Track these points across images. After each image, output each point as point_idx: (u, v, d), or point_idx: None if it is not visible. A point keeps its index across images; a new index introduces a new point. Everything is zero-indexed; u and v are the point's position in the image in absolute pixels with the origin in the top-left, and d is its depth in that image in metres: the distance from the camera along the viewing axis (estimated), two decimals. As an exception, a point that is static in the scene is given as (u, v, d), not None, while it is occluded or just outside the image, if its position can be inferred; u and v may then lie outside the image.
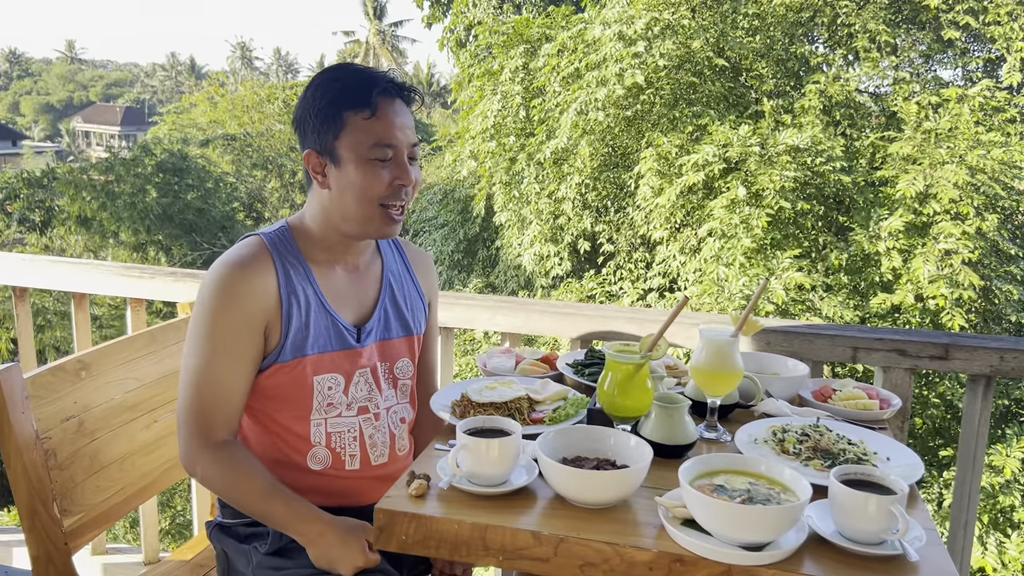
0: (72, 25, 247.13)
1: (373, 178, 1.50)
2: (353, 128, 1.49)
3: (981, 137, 6.52)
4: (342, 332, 1.58)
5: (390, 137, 1.50)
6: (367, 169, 1.49)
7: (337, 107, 1.50)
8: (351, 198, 1.51)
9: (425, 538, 1.20)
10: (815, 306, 6.57)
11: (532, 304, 2.40)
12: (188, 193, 16.26)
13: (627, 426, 1.42)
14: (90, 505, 1.63)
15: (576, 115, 7.68)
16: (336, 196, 1.52)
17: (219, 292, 1.48)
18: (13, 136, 48.70)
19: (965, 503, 2.11)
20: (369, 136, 1.49)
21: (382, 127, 1.50)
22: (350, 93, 1.50)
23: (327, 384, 1.56)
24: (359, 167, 1.49)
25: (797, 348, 2.10)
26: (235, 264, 1.49)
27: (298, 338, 1.52)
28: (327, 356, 1.56)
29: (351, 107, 1.49)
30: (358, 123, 1.49)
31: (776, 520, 1.10)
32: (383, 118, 1.50)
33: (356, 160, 1.49)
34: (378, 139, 1.49)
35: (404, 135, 1.53)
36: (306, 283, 1.55)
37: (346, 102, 1.49)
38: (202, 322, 1.48)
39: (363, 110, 1.49)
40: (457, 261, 11.16)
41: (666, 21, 7.52)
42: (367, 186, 1.50)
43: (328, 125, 1.50)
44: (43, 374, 1.56)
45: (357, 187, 1.50)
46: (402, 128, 1.52)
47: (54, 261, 2.69)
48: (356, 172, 1.49)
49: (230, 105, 19.54)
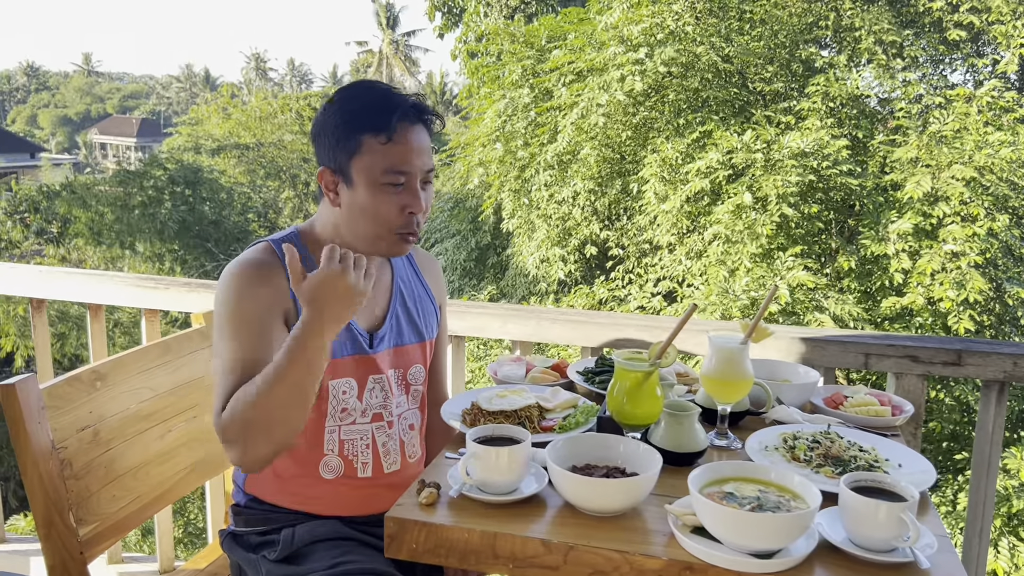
0: (89, 38, 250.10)
1: (384, 204, 1.48)
2: (368, 151, 1.47)
3: (989, 137, 6.49)
4: (356, 337, 1.59)
5: (405, 164, 1.48)
6: (378, 194, 1.48)
7: (354, 128, 1.48)
8: (361, 220, 1.50)
9: (435, 546, 1.21)
10: (822, 305, 6.53)
11: (543, 312, 2.41)
12: (203, 204, 16.39)
13: (637, 434, 1.43)
14: (105, 514, 1.65)
15: (578, 119, 7.70)
16: (346, 215, 1.52)
17: (239, 287, 1.47)
18: (31, 149, 49.18)
19: (980, 510, 2.10)
20: (383, 161, 1.47)
21: (397, 153, 1.47)
22: (369, 115, 1.48)
23: (341, 389, 1.57)
24: (370, 191, 1.48)
25: (808, 354, 2.09)
26: (248, 263, 1.50)
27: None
28: (341, 361, 1.56)
29: (369, 130, 1.47)
30: (374, 147, 1.47)
31: (786, 527, 1.10)
32: (400, 144, 1.47)
33: (368, 184, 1.48)
34: (392, 165, 1.47)
35: (420, 161, 1.50)
36: None
37: (364, 124, 1.47)
38: (226, 317, 1.47)
39: (380, 135, 1.46)
40: (469, 270, 11.18)
41: (669, 28, 7.53)
42: (377, 212, 1.49)
43: (344, 145, 1.48)
44: (59, 384, 1.58)
45: (368, 212, 1.49)
46: (419, 154, 1.50)
47: (69, 272, 2.72)
48: (367, 195, 1.48)
49: (243, 116, 19.68)
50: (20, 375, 1.49)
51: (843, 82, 7.21)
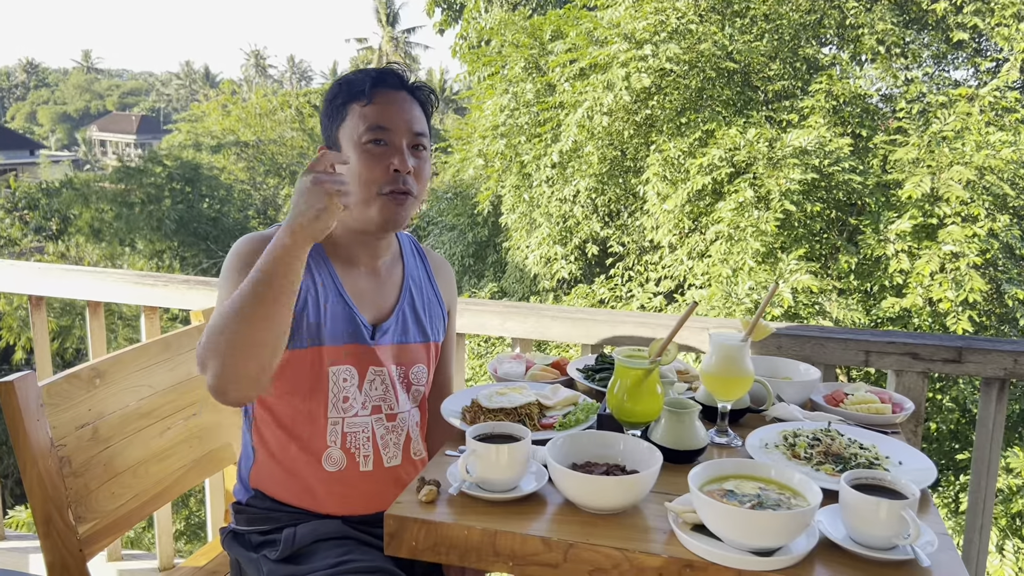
0: (88, 35, 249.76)
1: (369, 163, 1.52)
2: (351, 116, 1.55)
3: (990, 137, 6.49)
4: (358, 326, 1.59)
5: (382, 120, 1.53)
6: (362, 154, 1.53)
7: (340, 101, 1.56)
8: (353, 187, 1.50)
9: (435, 544, 1.21)
10: (825, 309, 6.54)
11: (543, 309, 2.40)
12: (202, 201, 16.38)
13: (637, 431, 1.42)
14: (105, 512, 1.64)
15: (581, 118, 7.69)
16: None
17: (244, 258, 1.49)
18: (31, 146, 49.15)
19: (980, 507, 2.10)
20: (363, 121, 1.53)
21: (375, 112, 1.53)
22: (351, 85, 1.56)
23: (342, 376, 1.58)
24: (356, 153, 1.53)
25: (808, 352, 2.09)
26: (257, 237, 1.54)
27: (314, 326, 1.55)
28: (341, 348, 1.57)
29: (351, 98, 1.55)
30: (356, 110, 1.54)
31: (786, 525, 1.10)
32: (378, 104, 1.54)
33: (353, 146, 1.54)
34: (371, 123, 1.53)
35: (402, 120, 1.55)
36: (325, 274, 1.58)
37: (347, 93, 1.56)
38: (226, 271, 1.51)
39: (361, 99, 1.54)
40: (468, 266, 11.17)
41: (673, 26, 7.52)
42: (363, 170, 1.52)
43: (334, 118, 1.57)
44: (58, 382, 1.58)
45: (355, 174, 1.52)
46: (399, 115, 1.55)
47: (68, 270, 2.72)
48: (353, 159, 1.53)
49: (243, 113, 19.66)
50: (19, 372, 1.49)
51: (846, 80, 7.19)
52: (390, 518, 1.22)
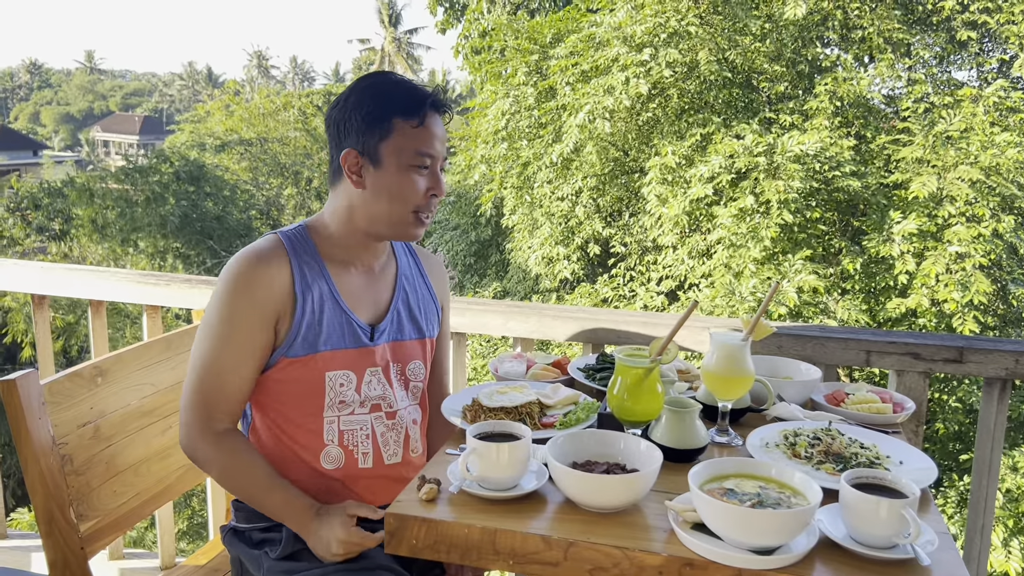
0: (92, 36, 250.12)
1: (410, 185, 1.55)
2: (400, 134, 1.54)
3: (995, 137, 6.47)
4: (356, 330, 1.60)
5: (432, 148, 1.56)
6: (406, 175, 1.54)
7: (387, 112, 1.54)
8: (385, 201, 1.55)
9: (436, 542, 1.21)
10: (828, 309, 6.53)
11: (545, 309, 2.41)
12: (206, 201, 16.40)
13: (637, 430, 1.42)
14: (106, 510, 1.65)
15: (583, 122, 7.70)
16: (370, 197, 1.56)
17: (233, 281, 1.52)
18: (34, 146, 49.25)
19: (981, 507, 2.09)
20: (414, 144, 1.54)
21: (427, 137, 1.55)
22: (403, 101, 1.55)
23: (339, 381, 1.58)
24: (399, 172, 1.54)
25: (810, 352, 2.09)
26: (250, 256, 1.54)
27: (310, 334, 1.55)
28: (340, 353, 1.58)
29: (402, 114, 1.54)
30: (406, 130, 1.54)
31: (786, 524, 1.10)
32: (428, 129, 1.55)
33: (398, 165, 1.54)
34: (421, 148, 1.54)
35: (442, 147, 1.59)
36: (321, 280, 1.58)
37: (397, 109, 1.54)
38: (214, 310, 1.53)
39: (412, 119, 1.54)
40: (470, 265, 11.18)
41: (673, 28, 7.51)
42: (404, 192, 1.55)
43: (375, 127, 1.54)
44: (60, 380, 1.58)
45: (394, 191, 1.55)
46: (442, 141, 1.59)
47: (71, 269, 2.72)
48: (396, 176, 1.54)
49: (246, 113, 19.68)
50: (21, 371, 1.49)
51: (850, 82, 7.18)
52: (390, 516, 1.22)
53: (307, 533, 1.48)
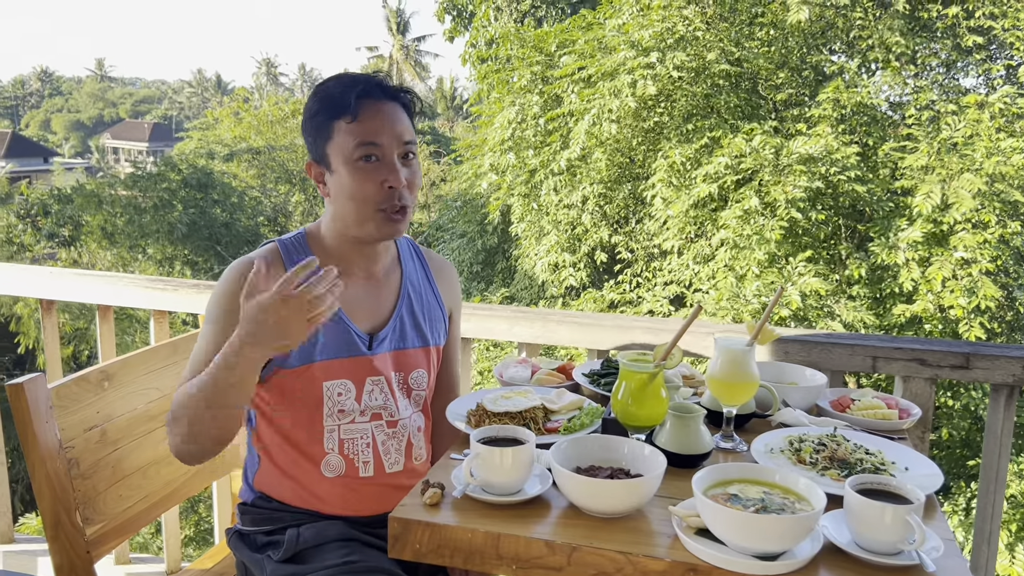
0: (102, 44, 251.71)
1: (362, 180, 1.51)
2: (338, 132, 1.52)
3: (1001, 144, 6.45)
4: (353, 339, 1.59)
5: (371, 135, 1.51)
6: (355, 171, 1.51)
7: (324, 116, 1.53)
8: (347, 203, 1.53)
9: (439, 547, 1.21)
10: (833, 311, 6.51)
11: (551, 314, 2.40)
12: (214, 208, 16.47)
13: (642, 435, 1.42)
14: (113, 514, 1.65)
15: (589, 125, 7.71)
16: (336, 202, 1.57)
17: (229, 283, 1.53)
18: (44, 153, 49.59)
19: (988, 514, 2.08)
20: (352, 138, 1.51)
21: (363, 128, 1.51)
22: (333, 100, 1.53)
23: (336, 390, 1.58)
24: (348, 171, 1.52)
25: (815, 357, 2.08)
26: (246, 261, 1.55)
27: (307, 345, 1.54)
28: (336, 362, 1.57)
29: (335, 114, 1.52)
30: (342, 127, 1.51)
31: (790, 529, 1.10)
32: (364, 120, 1.51)
33: (344, 164, 1.52)
34: (359, 139, 1.51)
35: (391, 133, 1.53)
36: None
37: (331, 110, 1.52)
38: (210, 311, 1.54)
39: (345, 115, 1.51)
40: (476, 272, 11.19)
41: (680, 33, 7.53)
42: (357, 189, 1.52)
43: (320, 132, 1.54)
44: (67, 384, 1.59)
45: (348, 191, 1.52)
46: (389, 127, 1.53)
47: (79, 274, 2.74)
48: (346, 176, 1.52)
49: (254, 120, 19.76)
50: (28, 375, 1.50)
51: (854, 89, 7.18)
52: (394, 520, 1.22)
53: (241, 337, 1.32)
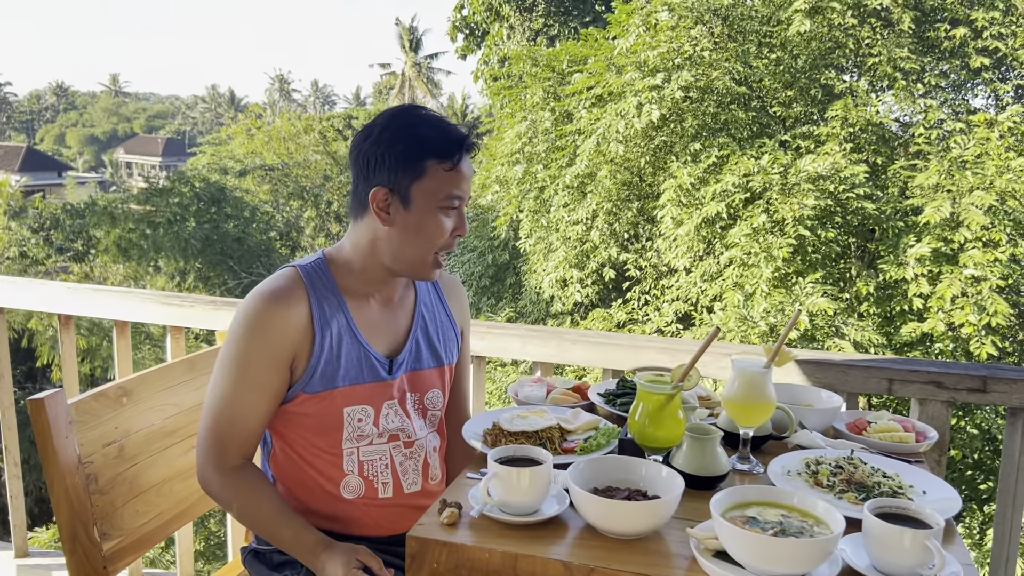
0: (116, 60, 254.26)
1: (438, 226, 1.54)
2: (433, 177, 1.52)
3: (1011, 162, 6.43)
4: (374, 364, 1.60)
5: (463, 189, 1.56)
6: (435, 216, 1.54)
7: (421, 153, 1.52)
8: (411, 240, 1.54)
9: (456, 566, 1.21)
10: (842, 331, 6.48)
11: (564, 333, 2.41)
12: (226, 222, 16.56)
13: (659, 457, 1.42)
14: (129, 529, 1.66)
15: (597, 144, 7.75)
16: (396, 235, 1.55)
17: (249, 323, 1.52)
18: (59, 167, 50.01)
19: (1006, 540, 2.06)
20: (447, 187, 1.53)
21: (459, 180, 1.54)
22: (437, 143, 1.53)
23: (357, 416, 1.58)
24: (428, 213, 1.53)
25: (831, 379, 2.08)
26: (267, 296, 1.53)
27: (328, 370, 1.55)
28: (358, 388, 1.58)
29: (436, 157, 1.52)
30: (439, 173, 1.52)
31: (809, 553, 1.09)
32: (461, 172, 1.55)
33: (428, 207, 1.53)
34: (453, 191, 1.54)
35: (470, 188, 1.59)
36: (339, 315, 1.57)
37: (432, 151, 1.52)
38: (229, 351, 1.53)
39: (446, 162, 1.52)
40: (485, 287, 11.20)
41: (687, 53, 7.56)
42: (432, 233, 1.54)
43: (408, 168, 1.52)
44: (86, 400, 1.60)
45: (422, 231, 1.54)
46: (470, 182, 1.59)
47: (97, 290, 2.76)
48: (424, 217, 1.53)
49: (267, 137, 19.90)
50: (48, 391, 1.52)
51: (863, 108, 7.19)
52: (412, 540, 1.23)
53: (315, 568, 1.49)
